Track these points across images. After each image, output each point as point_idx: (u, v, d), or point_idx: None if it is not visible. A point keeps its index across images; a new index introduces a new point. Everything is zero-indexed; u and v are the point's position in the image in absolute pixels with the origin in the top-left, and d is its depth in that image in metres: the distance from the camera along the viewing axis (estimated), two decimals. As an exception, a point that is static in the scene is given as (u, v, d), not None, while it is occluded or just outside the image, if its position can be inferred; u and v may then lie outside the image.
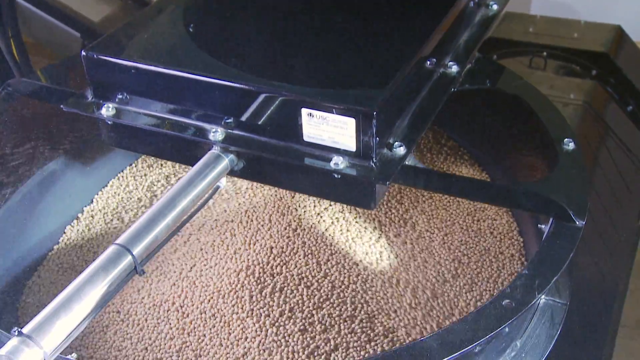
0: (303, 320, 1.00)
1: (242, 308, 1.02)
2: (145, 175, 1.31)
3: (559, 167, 0.89)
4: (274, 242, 1.12)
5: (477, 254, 1.10)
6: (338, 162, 0.83)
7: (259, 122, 0.87)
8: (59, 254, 1.16)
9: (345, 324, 0.99)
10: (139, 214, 1.22)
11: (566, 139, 0.92)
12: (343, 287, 1.05)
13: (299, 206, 1.19)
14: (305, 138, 0.84)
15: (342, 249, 1.11)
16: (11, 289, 1.08)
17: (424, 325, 0.99)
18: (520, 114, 1.01)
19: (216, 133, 0.88)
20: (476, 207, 1.18)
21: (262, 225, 1.16)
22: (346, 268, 1.08)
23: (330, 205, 1.18)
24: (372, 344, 0.97)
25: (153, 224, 0.78)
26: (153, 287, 1.08)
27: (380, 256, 1.10)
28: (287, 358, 0.95)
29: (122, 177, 1.30)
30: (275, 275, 1.07)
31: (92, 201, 1.25)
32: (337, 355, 0.95)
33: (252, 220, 1.17)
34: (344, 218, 1.16)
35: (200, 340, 0.99)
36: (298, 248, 1.11)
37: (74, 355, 0.72)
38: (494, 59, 1.43)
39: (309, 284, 1.05)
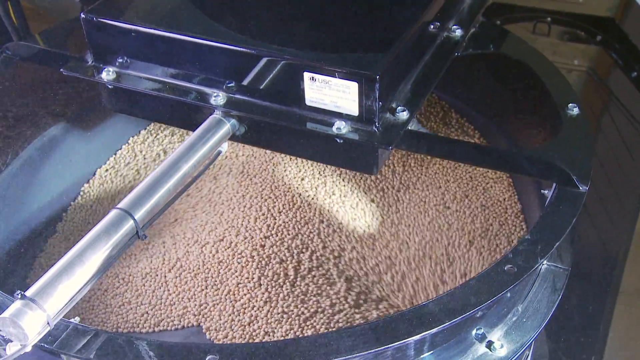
0: (308, 287, 1.00)
1: (247, 278, 1.02)
2: (150, 139, 1.30)
3: (563, 132, 0.88)
4: (273, 215, 1.11)
5: (477, 221, 1.10)
6: (340, 127, 0.82)
7: (261, 87, 0.86)
8: (64, 219, 1.16)
9: (355, 294, 1.00)
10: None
11: (570, 104, 0.91)
12: (343, 256, 1.05)
13: (296, 180, 1.18)
14: (308, 102, 0.84)
15: (343, 219, 1.11)
16: (17, 253, 1.09)
17: (430, 294, 1.00)
18: (524, 79, 1.00)
19: (218, 97, 0.87)
20: (474, 174, 1.18)
21: (258, 200, 1.15)
22: (350, 238, 1.08)
23: (327, 176, 1.18)
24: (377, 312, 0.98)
25: (154, 188, 0.78)
26: (153, 256, 1.09)
27: (382, 225, 1.10)
28: (297, 326, 0.96)
29: (129, 142, 1.29)
30: (275, 246, 1.07)
31: (95, 167, 1.24)
32: (355, 321, 0.96)
33: (246, 195, 1.16)
34: (340, 191, 1.15)
35: (202, 307, 1.00)
36: (299, 220, 1.10)
37: (77, 318, 0.72)
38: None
39: (311, 254, 1.05)
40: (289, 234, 1.08)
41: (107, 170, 1.24)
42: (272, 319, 0.97)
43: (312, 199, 1.13)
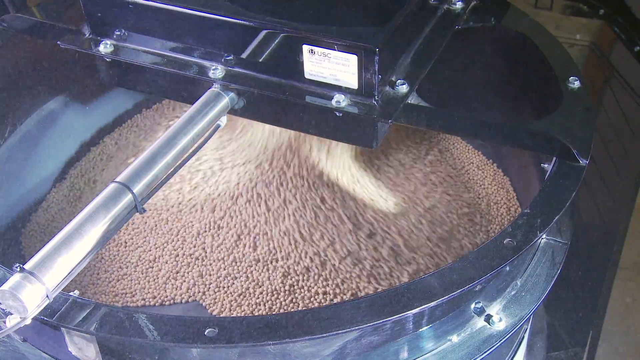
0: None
1: (245, 254, 1.02)
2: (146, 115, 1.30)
3: (564, 105, 0.87)
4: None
5: (471, 198, 1.10)
6: (340, 100, 0.82)
7: (260, 60, 0.85)
8: (57, 196, 1.16)
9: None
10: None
11: (571, 77, 0.90)
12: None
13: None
14: (307, 75, 0.83)
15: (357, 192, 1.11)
16: (14, 226, 1.09)
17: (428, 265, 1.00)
18: (525, 52, 0.99)
19: (216, 70, 0.87)
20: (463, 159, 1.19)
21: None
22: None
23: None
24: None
25: (153, 162, 0.78)
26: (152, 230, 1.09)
27: (386, 200, 1.10)
28: (301, 301, 0.96)
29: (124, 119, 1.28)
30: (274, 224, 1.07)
31: (92, 141, 1.24)
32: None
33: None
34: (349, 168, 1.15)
35: (202, 282, 1.00)
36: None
37: (76, 292, 0.72)
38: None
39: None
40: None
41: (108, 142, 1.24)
42: (274, 293, 0.97)
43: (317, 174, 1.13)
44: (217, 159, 1.16)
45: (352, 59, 0.79)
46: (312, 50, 0.80)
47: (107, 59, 0.92)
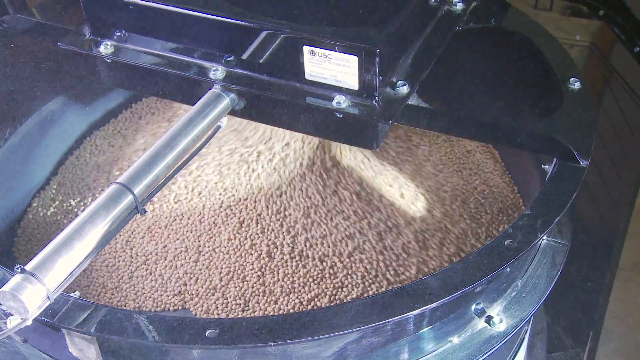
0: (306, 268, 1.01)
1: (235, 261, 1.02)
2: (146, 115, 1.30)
3: (564, 106, 0.87)
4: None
5: (475, 199, 1.10)
6: (340, 101, 0.82)
7: (261, 60, 0.85)
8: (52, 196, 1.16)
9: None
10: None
11: (572, 78, 0.90)
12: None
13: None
14: (307, 76, 0.83)
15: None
16: (15, 228, 1.09)
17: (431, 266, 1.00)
18: (525, 53, 0.99)
19: (217, 71, 0.87)
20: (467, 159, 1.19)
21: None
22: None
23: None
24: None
25: (153, 163, 0.77)
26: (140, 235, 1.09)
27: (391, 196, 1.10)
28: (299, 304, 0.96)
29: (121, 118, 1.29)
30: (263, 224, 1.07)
31: (90, 141, 1.24)
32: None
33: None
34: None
35: (189, 289, 1.00)
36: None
37: (77, 293, 0.72)
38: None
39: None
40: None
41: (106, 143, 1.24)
42: (261, 296, 0.97)
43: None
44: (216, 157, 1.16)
45: (353, 60, 0.79)
46: (312, 51, 0.80)
47: (108, 60, 0.92)
